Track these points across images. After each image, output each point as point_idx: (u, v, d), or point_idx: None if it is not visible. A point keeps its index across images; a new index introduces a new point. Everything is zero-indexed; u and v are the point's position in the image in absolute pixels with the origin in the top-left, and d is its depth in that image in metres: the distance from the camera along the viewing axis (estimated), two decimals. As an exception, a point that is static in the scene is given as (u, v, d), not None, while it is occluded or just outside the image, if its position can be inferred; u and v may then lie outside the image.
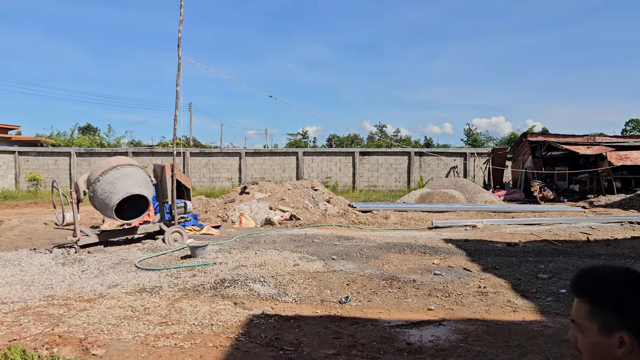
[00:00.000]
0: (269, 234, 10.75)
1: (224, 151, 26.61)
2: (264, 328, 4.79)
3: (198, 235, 10.89)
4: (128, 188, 8.83)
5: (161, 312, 5.27)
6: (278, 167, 25.89)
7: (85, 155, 25.48)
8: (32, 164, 25.05)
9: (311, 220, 13.40)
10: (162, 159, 24.91)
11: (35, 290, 6.31)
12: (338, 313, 5.31)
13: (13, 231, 11.79)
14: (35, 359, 3.79)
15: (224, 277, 6.63)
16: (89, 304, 5.59)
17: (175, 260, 8.02)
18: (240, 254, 8.31)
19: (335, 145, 76.28)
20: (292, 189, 15.80)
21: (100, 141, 35.90)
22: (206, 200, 15.24)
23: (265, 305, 5.53)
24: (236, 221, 12.98)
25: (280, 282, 6.42)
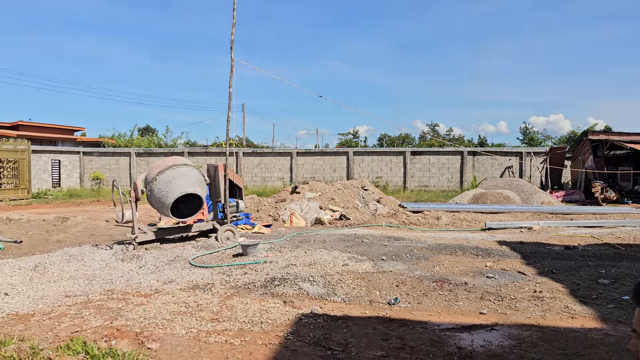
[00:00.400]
0: (319, 234, 10.81)
1: (276, 151, 26.97)
2: (313, 327, 4.82)
3: (249, 233, 11.09)
4: (183, 187, 9.11)
5: (213, 308, 5.40)
6: (328, 167, 25.97)
7: (144, 155, 26.48)
8: (95, 164, 26.29)
9: (361, 220, 13.37)
10: (216, 159, 25.53)
11: (97, 284, 6.62)
12: (387, 314, 5.27)
13: (77, 227, 12.41)
14: (95, 351, 3.98)
15: (274, 275, 6.72)
16: (145, 299, 5.81)
17: (227, 258, 8.20)
18: (291, 253, 8.40)
19: (386, 144, 75.72)
20: (342, 188, 15.81)
21: (158, 142, 37.26)
22: (258, 200, 15.50)
23: (314, 305, 5.56)
24: (287, 220, 13.13)
25: (329, 282, 6.44)
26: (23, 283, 6.65)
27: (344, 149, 27.48)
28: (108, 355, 3.91)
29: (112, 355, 3.90)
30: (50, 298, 5.91)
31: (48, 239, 10.82)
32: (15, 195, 21.01)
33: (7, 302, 5.72)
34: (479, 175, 24.98)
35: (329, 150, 27.14)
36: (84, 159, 26.19)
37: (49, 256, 8.27)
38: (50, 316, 5.19)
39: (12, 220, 13.31)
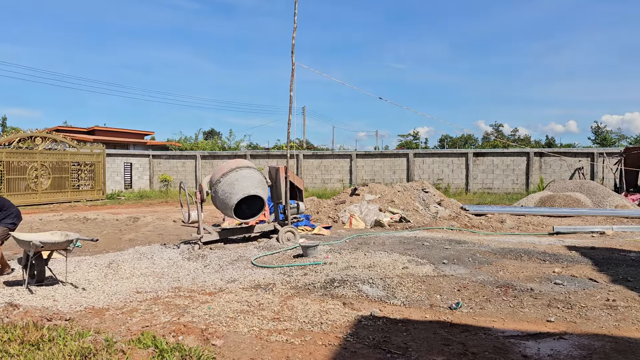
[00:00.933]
0: (379, 236, 10.77)
1: (335, 153, 27.08)
2: (372, 330, 4.83)
3: (310, 235, 11.22)
4: (246, 189, 9.36)
5: (274, 308, 5.52)
6: (388, 169, 25.78)
7: (209, 158, 27.36)
8: (163, 166, 27.46)
9: (421, 222, 13.19)
10: (277, 161, 25.99)
11: (165, 282, 6.93)
12: (448, 319, 5.19)
13: (147, 227, 13.02)
14: (163, 345, 4.17)
15: (334, 277, 6.77)
16: (210, 297, 6.02)
17: (288, 259, 8.34)
18: (350, 255, 8.43)
19: (448, 146, 74.21)
20: (402, 190, 15.66)
21: (222, 145, 38.41)
22: (318, 201, 15.63)
23: (373, 307, 5.56)
24: (346, 222, 13.17)
25: (389, 285, 6.41)
26: (98, 279, 7.07)
27: (404, 151, 27.19)
28: (175, 350, 4.09)
29: (180, 350, 4.08)
30: (123, 294, 6.25)
31: (121, 237, 11.43)
32: (91, 196, 22.33)
33: (85, 297, 6.10)
34: (546, 177, 23.97)
35: (389, 152, 26.95)
36: (153, 162, 27.41)
37: (121, 254, 8.74)
38: (123, 311, 5.49)
39: (88, 219, 14.16)
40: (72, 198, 21.36)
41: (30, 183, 19.64)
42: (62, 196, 20.97)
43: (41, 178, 20.10)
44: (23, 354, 3.98)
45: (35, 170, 19.86)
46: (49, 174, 20.47)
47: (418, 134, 79.95)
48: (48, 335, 4.37)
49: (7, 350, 4.05)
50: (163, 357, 3.94)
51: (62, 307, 5.66)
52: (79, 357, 3.91)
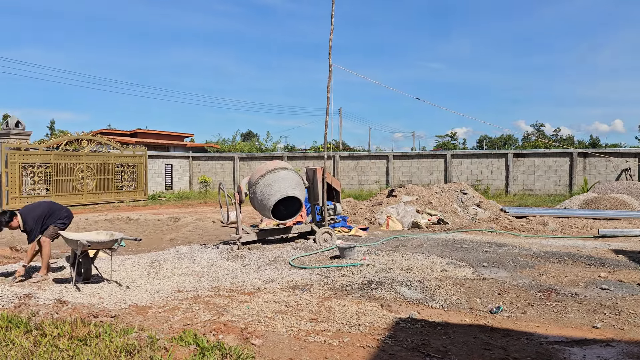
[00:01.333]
0: (416, 238, 10.67)
1: (372, 154, 26.97)
2: (410, 332, 4.79)
3: (346, 236, 11.22)
4: (283, 190, 9.44)
5: (312, 309, 5.55)
6: (425, 170, 25.49)
7: (246, 159, 27.72)
8: (202, 168, 27.98)
9: (460, 224, 12.99)
10: (314, 163, 26.07)
11: (205, 281, 7.07)
12: (488, 323, 5.10)
13: (187, 227, 13.31)
14: (204, 344, 4.26)
15: (371, 278, 6.75)
16: (248, 297, 6.11)
17: (325, 260, 8.37)
18: (387, 257, 8.38)
19: (487, 146, 72.80)
20: (440, 192, 15.46)
21: (259, 146, 38.84)
22: (354, 203, 15.61)
23: (411, 310, 5.52)
24: (383, 224, 13.10)
25: (427, 287, 6.34)
26: (141, 277, 7.28)
27: (441, 152, 26.83)
28: (216, 348, 4.17)
29: (220, 348, 4.15)
30: (164, 292, 6.41)
31: (162, 237, 11.72)
32: (134, 197, 22.97)
33: (129, 295, 6.29)
34: (590, 179, 23.20)
35: (426, 153, 26.64)
36: (192, 164, 27.97)
37: (163, 253, 8.97)
38: (165, 309, 5.63)
39: (131, 219, 14.58)
40: (116, 199, 22.02)
41: (76, 184, 20.36)
42: (106, 197, 21.66)
43: (87, 179, 20.80)
44: (72, 348, 4.14)
45: (82, 172, 20.57)
46: (94, 175, 21.17)
47: (456, 135, 78.81)
48: (95, 332, 4.53)
49: (57, 344, 4.22)
50: (204, 355, 4.02)
51: (107, 304, 5.85)
52: (124, 353, 4.04)
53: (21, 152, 18.29)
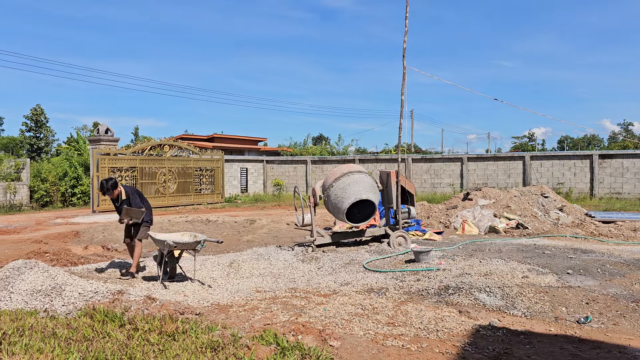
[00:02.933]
0: (494, 243, 10.33)
1: (445, 157, 26.39)
2: (491, 340, 4.66)
3: (421, 240, 11.07)
4: (357, 193, 9.48)
5: (388, 312, 5.54)
6: (502, 173, 24.59)
7: (318, 162, 28.03)
8: (276, 171, 28.62)
9: (540, 229, 12.43)
10: (386, 166, 25.91)
11: (282, 282, 7.24)
12: (576, 334, 4.85)
13: (263, 229, 13.67)
14: (284, 343, 4.38)
15: (448, 283, 6.63)
16: (324, 299, 6.19)
17: (399, 264, 8.31)
18: (464, 262, 8.19)
19: (568, 147, 69.13)
20: (518, 195, 14.87)
21: (331, 149, 39.13)
22: (428, 206, 15.37)
23: (491, 317, 5.37)
24: (458, 228, 12.80)
25: (508, 294, 6.14)
26: (222, 277, 7.58)
27: (519, 153, 25.76)
28: (295, 348, 4.27)
29: (299, 348, 4.25)
30: (244, 292, 6.64)
31: (239, 239, 12.12)
32: (211, 199, 23.91)
33: (211, 294, 6.58)
34: (689, 181, 21.38)
35: (503, 155, 25.68)
36: (266, 167, 28.69)
37: (241, 254, 9.28)
38: (245, 308, 5.83)
39: (210, 221, 15.19)
40: (195, 201, 23.03)
41: (159, 187, 21.50)
42: (186, 199, 22.70)
43: (168, 182, 21.91)
44: (161, 343, 4.39)
45: (164, 175, 21.69)
46: (175, 178, 22.26)
47: (534, 135, 75.44)
48: (182, 328, 4.77)
49: (148, 339, 4.49)
50: (284, 355, 4.13)
51: (191, 302, 6.15)
52: (209, 350, 4.23)
53: (110, 157, 19.58)
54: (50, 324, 4.83)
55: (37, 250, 9.91)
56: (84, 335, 4.47)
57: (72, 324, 4.88)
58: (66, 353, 3.94)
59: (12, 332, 4.48)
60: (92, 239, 12.02)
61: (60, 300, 5.79)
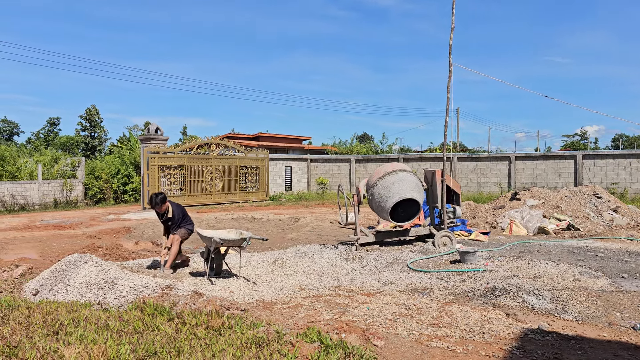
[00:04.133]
0: (543, 244, 10.02)
1: (492, 155, 25.77)
2: (541, 344, 4.53)
3: (466, 240, 10.87)
4: (402, 192, 9.40)
5: (432, 313, 5.47)
6: (552, 172, 23.79)
7: (362, 161, 27.95)
8: (319, 170, 28.74)
9: (593, 231, 11.95)
10: (430, 164, 25.56)
11: (325, 280, 7.27)
12: (631, 340, 4.65)
13: (307, 227, 13.76)
14: (328, 341, 4.40)
15: (495, 285, 6.48)
16: (368, 298, 6.18)
17: (444, 264, 8.19)
18: (512, 263, 7.99)
19: (624, 145, 66.14)
20: (569, 195, 14.34)
21: (375, 148, 38.94)
22: (474, 206, 15.05)
23: (540, 320, 5.22)
24: (506, 228, 12.48)
25: (558, 297, 5.94)
26: (266, 274, 7.68)
27: (570, 152, 24.86)
28: (339, 346, 4.28)
29: (343, 347, 4.26)
30: (288, 289, 6.71)
31: (283, 236, 12.25)
32: (256, 197, 24.26)
33: (256, 290, 6.68)
34: None
35: (552, 154, 24.83)
36: (310, 166, 28.85)
37: (285, 252, 9.37)
38: (289, 305, 5.90)
39: (255, 219, 15.42)
40: (240, 199, 23.42)
41: (206, 185, 21.99)
42: (231, 197, 23.11)
43: (215, 181, 22.38)
44: (208, 337, 4.50)
45: (211, 174, 22.17)
46: (222, 177, 22.71)
47: (586, 133, 72.58)
48: (228, 323, 4.88)
49: (196, 333, 4.61)
50: (328, 353, 4.15)
51: (237, 298, 6.27)
52: (254, 345, 4.30)
53: (160, 155, 20.17)
54: (103, 316, 5.04)
55: (91, 245, 10.33)
56: (135, 328, 4.64)
57: (124, 316, 5.07)
58: (118, 344, 4.09)
59: (68, 322, 4.70)
60: (142, 234, 12.43)
61: (113, 293, 6.02)
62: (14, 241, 10.97)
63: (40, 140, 49.27)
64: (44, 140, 48.49)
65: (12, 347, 3.94)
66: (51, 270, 6.60)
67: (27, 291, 6.27)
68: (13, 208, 21.75)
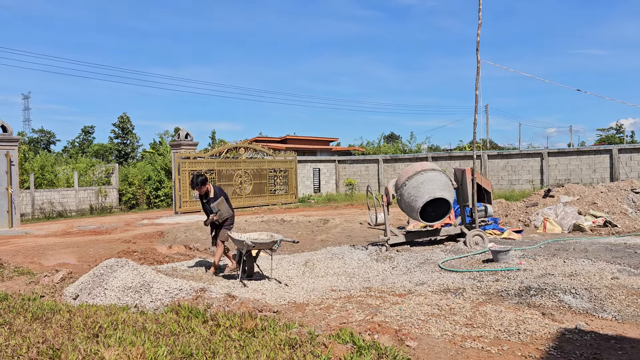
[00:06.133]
0: (579, 242, 9.79)
1: (523, 152, 25.29)
2: (579, 345, 4.43)
3: (499, 239, 10.71)
4: (431, 192, 9.33)
5: (466, 313, 5.41)
6: (586, 167, 23.19)
7: (390, 161, 27.81)
8: (347, 171, 28.72)
9: (631, 227, 11.62)
10: (460, 163, 25.25)
11: (356, 281, 7.28)
12: (674, 340, 4.51)
13: (336, 229, 13.78)
14: (361, 342, 4.40)
15: (529, 284, 6.36)
16: (400, 298, 6.15)
17: (476, 264, 8.09)
18: (547, 262, 7.83)
19: (664, 138, 63.84)
20: (605, 191, 13.97)
21: (403, 148, 38.71)
22: (506, 204, 14.81)
23: (578, 320, 5.10)
24: (539, 226, 12.24)
25: (596, 296, 5.80)
26: (297, 276, 7.73)
27: (605, 147, 24.18)
28: (372, 347, 4.28)
29: (376, 348, 4.26)
30: (319, 291, 6.74)
31: (313, 238, 12.30)
32: (285, 199, 24.41)
33: (287, 292, 6.73)
34: None
35: (587, 149, 24.21)
36: (338, 167, 28.86)
37: (315, 254, 9.41)
38: (320, 307, 5.92)
39: (285, 221, 15.52)
40: (269, 202, 23.60)
41: (236, 188, 22.23)
42: (261, 200, 23.31)
43: (244, 184, 22.61)
44: (242, 339, 4.56)
45: (240, 177, 22.41)
46: (251, 180, 22.93)
47: (622, 127, 70.35)
48: (261, 325, 4.93)
49: (230, 335, 4.68)
50: (361, 354, 4.16)
51: (269, 300, 6.33)
52: (287, 347, 4.34)
53: (190, 160, 20.50)
54: (140, 318, 5.16)
55: (126, 249, 10.58)
56: (171, 330, 4.74)
57: (160, 319, 5.19)
58: (155, 346, 4.19)
59: (107, 325, 4.84)
60: (175, 238, 12.65)
61: (149, 296, 6.16)
62: (54, 247, 11.32)
63: (76, 148, 50.71)
64: (79, 149, 49.89)
65: (55, 349, 4.08)
66: (90, 275, 6.80)
67: (67, 295, 6.47)
68: (52, 215, 22.44)
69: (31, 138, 52.69)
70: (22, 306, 5.62)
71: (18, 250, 10.85)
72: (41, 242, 12.40)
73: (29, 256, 10.06)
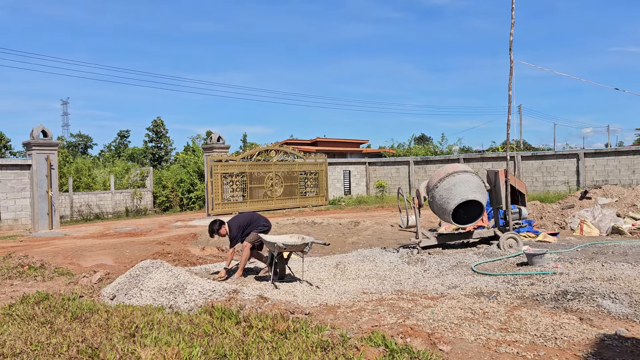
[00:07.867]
0: (618, 245, 9.50)
1: (559, 153, 24.69)
2: (618, 351, 4.31)
3: (533, 242, 10.49)
4: (463, 194, 9.21)
5: (500, 317, 5.33)
6: (625, 168, 22.46)
7: (421, 163, 27.57)
8: (378, 173, 28.61)
9: (675, 230, 11.20)
10: (492, 164, 24.83)
11: (388, 284, 7.24)
12: None
13: (367, 231, 13.74)
14: (393, 346, 4.38)
15: (566, 288, 6.21)
16: (432, 302, 6.10)
17: (510, 267, 7.95)
18: (584, 265, 7.63)
19: None
20: (647, 193, 13.51)
21: (434, 149, 38.31)
22: (541, 206, 14.49)
23: (618, 326, 4.96)
24: (576, 229, 11.93)
25: (637, 301, 5.62)
26: (328, 278, 7.75)
27: (646, 146, 23.38)
28: (404, 351, 4.26)
29: (408, 351, 4.23)
30: (350, 293, 6.74)
31: (344, 240, 12.29)
32: (316, 202, 24.48)
33: (319, 294, 6.75)
34: None
35: (625, 149, 23.45)
36: (369, 169, 28.78)
37: (346, 256, 9.40)
38: (352, 309, 5.92)
39: (316, 223, 15.57)
40: (300, 204, 23.70)
41: (267, 191, 22.42)
42: (291, 202, 23.44)
43: (275, 186, 22.78)
44: (274, 341, 4.60)
45: (271, 180, 22.59)
46: (282, 182, 23.09)
47: (664, 126, 67.87)
48: (293, 327, 4.96)
49: (262, 336, 4.73)
50: (393, 357, 4.14)
51: (301, 302, 6.36)
52: (319, 349, 4.36)
53: (222, 163, 20.78)
54: (175, 319, 5.27)
55: (161, 251, 10.80)
56: (205, 331, 4.82)
57: (194, 320, 5.28)
58: (190, 347, 4.27)
59: (143, 325, 4.95)
60: (208, 240, 12.83)
61: (183, 297, 6.28)
62: (91, 248, 11.65)
63: (112, 152, 52.08)
64: (115, 152, 51.21)
65: (94, 348, 4.20)
66: (126, 276, 6.97)
67: (104, 295, 6.65)
68: (89, 217, 23.09)
69: (69, 142, 54.34)
70: (62, 306, 5.81)
71: (58, 251, 11.21)
72: (79, 244, 12.78)
73: (68, 257, 10.37)
